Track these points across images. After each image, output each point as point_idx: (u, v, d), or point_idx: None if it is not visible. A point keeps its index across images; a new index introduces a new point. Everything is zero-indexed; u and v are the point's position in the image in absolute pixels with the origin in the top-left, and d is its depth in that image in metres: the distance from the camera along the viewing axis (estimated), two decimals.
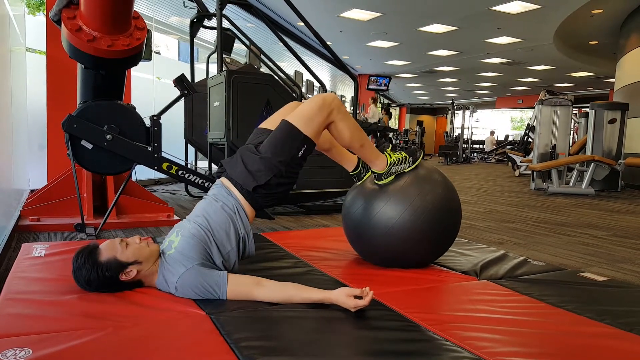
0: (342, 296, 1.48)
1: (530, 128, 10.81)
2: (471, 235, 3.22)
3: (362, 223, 2.00)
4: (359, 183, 2.14)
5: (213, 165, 4.34)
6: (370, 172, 2.07)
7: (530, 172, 7.13)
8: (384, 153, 2.01)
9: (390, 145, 2.36)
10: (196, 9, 4.63)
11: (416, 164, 2.01)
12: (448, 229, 2.03)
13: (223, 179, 1.76)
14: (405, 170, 1.99)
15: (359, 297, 1.48)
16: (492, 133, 18.41)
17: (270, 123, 1.87)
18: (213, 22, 4.66)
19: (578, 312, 1.56)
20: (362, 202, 2.03)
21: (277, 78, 4.10)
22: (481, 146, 18.00)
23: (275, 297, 1.54)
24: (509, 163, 11.79)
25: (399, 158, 1.99)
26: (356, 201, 2.07)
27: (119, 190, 3.06)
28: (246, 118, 3.67)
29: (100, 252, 1.55)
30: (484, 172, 10.96)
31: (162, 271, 1.60)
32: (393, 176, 1.98)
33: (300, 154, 1.69)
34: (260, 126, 1.90)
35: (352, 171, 2.13)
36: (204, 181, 3.19)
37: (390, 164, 1.96)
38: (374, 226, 1.95)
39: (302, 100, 4.96)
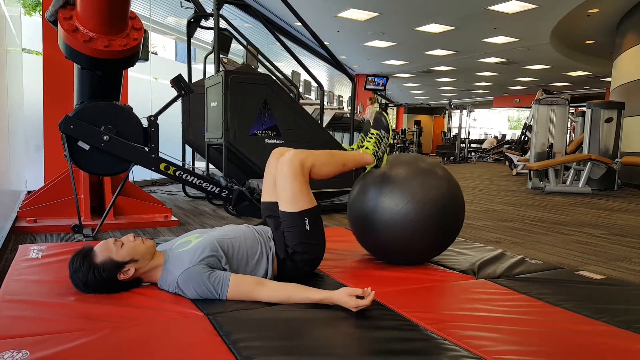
0: (344, 296, 1.48)
1: (527, 127, 10.83)
2: (468, 234, 3.22)
3: (367, 213, 2.01)
4: (364, 174, 2.14)
5: (211, 166, 4.34)
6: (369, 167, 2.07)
7: (527, 171, 7.15)
8: (359, 148, 2.03)
9: (358, 138, 2.35)
10: (193, 9, 4.63)
11: (390, 127, 2.03)
12: (451, 222, 2.04)
13: (269, 230, 1.83)
14: (390, 141, 2.02)
15: (361, 297, 1.48)
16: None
17: (267, 189, 1.91)
18: (210, 23, 4.66)
19: (575, 311, 1.56)
20: (366, 193, 2.05)
21: (274, 78, 4.10)
22: (479, 145, 18.06)
23: (276, 296, 1.54)
24: (506, 162, 11.81)
25: (375, 141, 1.99)
26: (361, 193, 2.09)
27: (116, 191, 3.06)
28: (244, 118, 3.67)
29: (95, 254, 1.55)
30: (482, 171, 10.98)
31: (167, 267, 1.61)
32: (386, 154, 2.01)
33: (308, 227, 1.76)
34: (263, 200, 1.95)
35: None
36: (202, 182, 3.19)
37: (374, 152, 1.98)
38: (379, 214, 1.96)
39: (299, 100, 4.95)
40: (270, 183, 1.90)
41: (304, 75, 8.15)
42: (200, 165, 5.11)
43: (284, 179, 1.76)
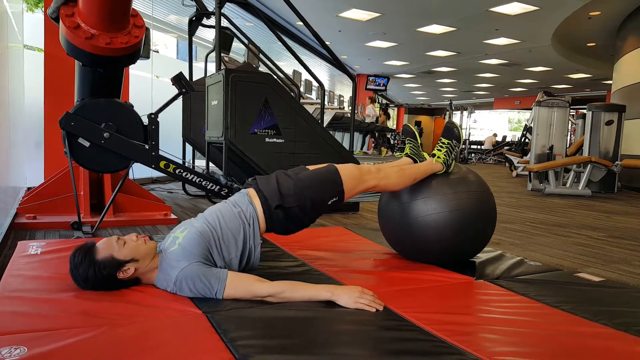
0: (350, 303, 1.50)
1: (527, 129, 10.83)
2: None
3: (400, 214, 2.07)
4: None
5: (211, 164, 4.34)
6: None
7: (527, 173, 7.15)
8: (423, 159, 2.13)
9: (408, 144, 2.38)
10: (195, 8, 4.62)
11: (461, 139, 2.14)
12: (482, 228, 2.09)
13: (250, 190, 1.79)
14: (459, 148, 2.13)
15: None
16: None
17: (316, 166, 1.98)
18: (212, 21, 4.66)
19: (574, 313, 1.56)
20: (400, 195, 2.10)
21: (275, 77, 4.09)
22: (479, 147, 18.05)
23: (276, 290, 1.53)
24: (507, 164, 11.81)
25: (446, 150, 2.08)
26: (394, 195, 2.13)
27: (116, 189, 3.05)
28: (244, 117, 3.66)
29: (97, 251, 1.55)
30: (482, 172, 10.94)
31: (163, 267, 1.60)
32: (454, 161, 2.12)
33: (330, 202, 1.78)
34: (305, 166, 1.98)
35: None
36: (201, 180, 3.19)
37: (444, 161, 2.07)
38: (413, 216, 2.03)
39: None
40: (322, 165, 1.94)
41: (305, 75, 8.15)
42: (201, 163, 5.12)
43: (357, 168, 1.84)
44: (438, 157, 2.08)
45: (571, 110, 8.96)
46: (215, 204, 1.79)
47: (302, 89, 8.34)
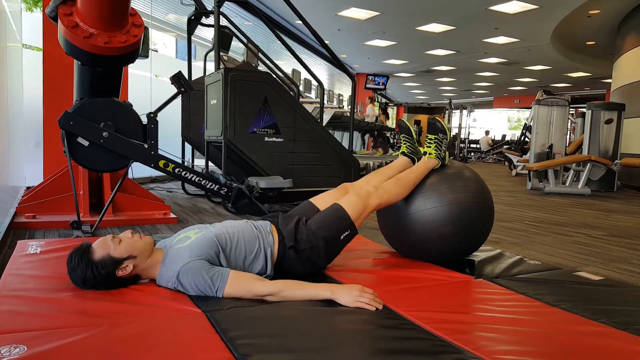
0: (350, 302, 1.50)
1: (527, 128, 10.83)
2: None
3: (399, 211, 2.09)
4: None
5: (210, 164, 4.33)
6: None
7: (526, 171, 7.15)
8: (421, 156, 2.17)
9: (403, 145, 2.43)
10: (194, 7, 4.62)
11: (447, 129, 2.16)
12: (480, 225, 2.09)
13: (272, 225, 1.83)
14: (448, 139, 2.17)
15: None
16: (487, 133, 18.45)
17: (321, 200, 2.01)
18: (211, 20, 4.65)
19: (573, 311, 1.56)
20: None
21: (274, 76, 4.09)
22: (478, 145, 18.04)
23: (275, 289, 1.53)
24: (506, 163, 11.81)
25: (435, 145, 2.11)
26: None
27: (115, 188, 3.05)
28: (243, 116, 3.66)
29: (93, 251, 1.55)
30: (481, 171, 10.94)
31: (166, 263, 1.61)
32: (447, 152, 2.16)
33: (342, 237, 1.82)
34: (311, 200, 2.03)
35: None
36: (201, 179, 3.19)
37: (437, 155, 2.11)
38: (410, 212, 2.04)
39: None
40: (323, 201, 1.98)
41: (304, 74, 8.14)
42: (200, 162, 5.11)
43: (357, 197, 1.88)
44: (430, 153, 2.11)
45: (570, 109, 8.98)
46: (237, 220, 1.83)
47: (301, 88, 8.33)
